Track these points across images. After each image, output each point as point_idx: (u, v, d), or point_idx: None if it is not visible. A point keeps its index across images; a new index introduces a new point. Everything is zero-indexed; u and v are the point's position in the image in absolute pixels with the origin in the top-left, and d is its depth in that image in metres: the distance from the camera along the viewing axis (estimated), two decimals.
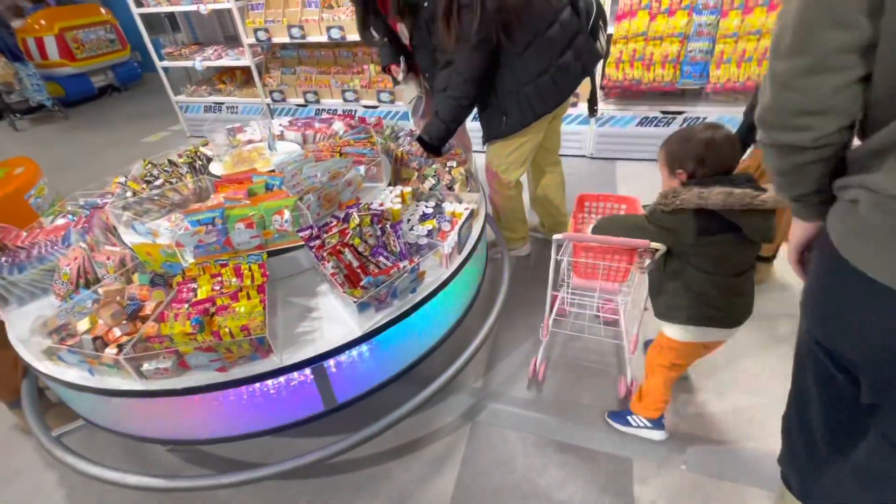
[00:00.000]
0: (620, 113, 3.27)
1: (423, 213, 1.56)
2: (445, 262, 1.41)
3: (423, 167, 1.78)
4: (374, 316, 1.27)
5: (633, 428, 1.56)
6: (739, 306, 1.26)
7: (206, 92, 4.47)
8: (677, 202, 1.13)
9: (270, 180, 1.43)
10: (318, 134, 1.96)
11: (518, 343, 1.99)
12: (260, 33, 3.82)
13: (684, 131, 1.21)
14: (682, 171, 1.18)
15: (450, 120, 1.80)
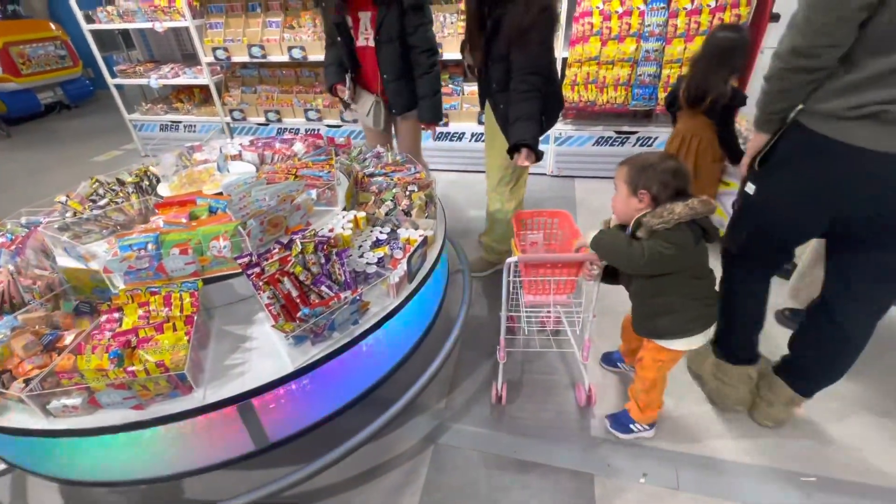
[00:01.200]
0: (577, 133, 3.39)
1: (376, 240, 1.52)
2: (393, 292, 1.36)
3: (383, 191, 1.76)
4: (310, 350, 1.20)
5: (634, 434, 1.62)
6: (715, 302, 1.41)
7: (162, 110, 4.34)
8: (675, 217, 1.21)
9: (215, 203, 1.38)
10: (276, 155, 1.92)
11: (481, 360, 1.98)
12: (219, 52, 3.77)
13: (644, 158, 1.30)
14: (645, 193, 1.27)
15: (538, 116, 1.81)
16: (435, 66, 2.16)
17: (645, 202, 1.28)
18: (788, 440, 1.61)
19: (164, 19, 3.76)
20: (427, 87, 2.17)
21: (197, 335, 1.18)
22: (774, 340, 1.98)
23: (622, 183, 1.33)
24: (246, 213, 1.28)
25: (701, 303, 1.36)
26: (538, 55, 1.77)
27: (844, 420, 1.66)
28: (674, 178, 1.25)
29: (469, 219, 3.10)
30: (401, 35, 2.06)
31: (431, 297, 1.70)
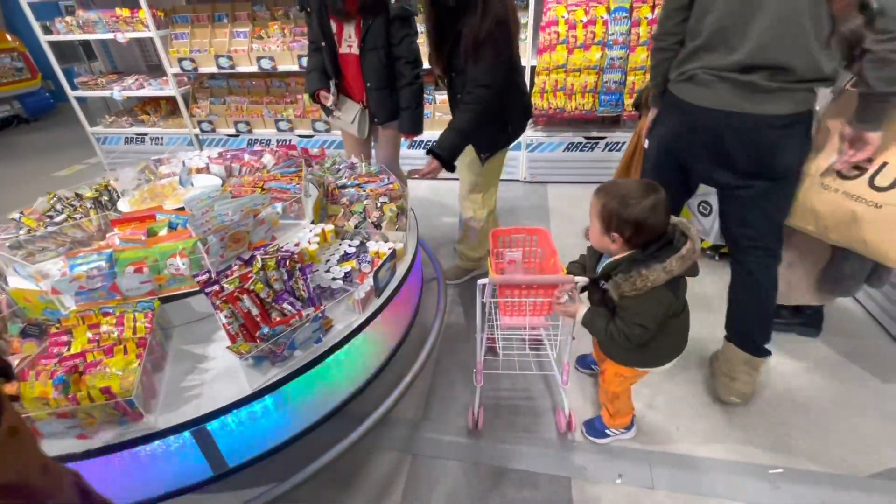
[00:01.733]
0: (548, 139, 3.45)
1: (344, 253, 1.48)
2: (359, 308, 1.33)
3: (353, 203, 1.74)
4: (270, 371, 1.16)
5: (612, 437, 1.64)
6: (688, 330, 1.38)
7: (127, 123, 4.22)
8: (649, 284, 1.14)
9: (175, 219, 1.35)
10: (243, 167, 1.89)
11: (458, 369, 1.97)
12: (185, 63, 3.70)
13: (623, 189, 1.19)
14: (617, 235, 1.19)
15: (470, 131, 1.86)
16: (419, 77, 2.17)
17: (618, 244, 1.21)
18: (755, 434, 1.65)
19: (126, 30, 3.67)
20: (410, 99, 2.17)
21: (151, 357, 1.13)
22: None
23: (596, 217, 1.23)
24: (207, 229, 1.24)
25: (673, 339, 1.34)
26: (491, 68, 1.75)
27: (807, 412, 1.72)
28: (652, 216, 1.14)
29: (444, 226, 3.10)
30: (386, 45, 2.06)
31: (405, 308, 1.69)
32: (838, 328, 2.07)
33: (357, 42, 2.06)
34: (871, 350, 1.96)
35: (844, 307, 2.19)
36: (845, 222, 1.41)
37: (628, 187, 1.18)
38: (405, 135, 2.30)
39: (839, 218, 1.42)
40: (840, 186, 1.40)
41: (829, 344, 2.01)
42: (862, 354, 1.94)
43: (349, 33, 2.09)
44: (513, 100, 1.96)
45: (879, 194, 1.34)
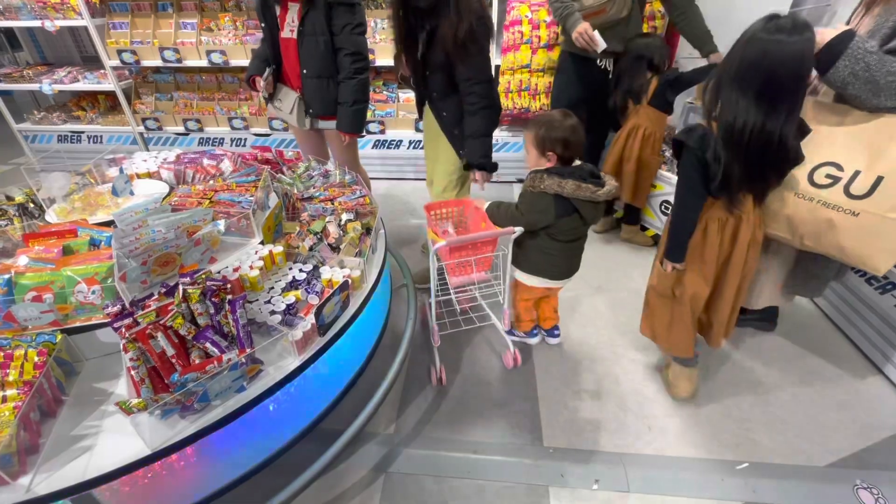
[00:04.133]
0: (514, 139, 3.44)
1: (292, 280, 1.32)
2: (296, 350, 1.16)
3: (315, 219, 1.59)
4: (178, 424, 0.98)
5: (517, 338, 2.05)
6: (573, 265, 1.75)
7: (60, 119, 3.86)
8: (542, 186, 1.50)
9: (98, 235, 1.19)
10: (197, 173, 1.74)
11: (429, 378, 1.92)
12: (125, 55, 3.41)
13: (547, 116, 1.53)
14: (552, 154, 1.52)
15: (487, 130, 1.92)
16: (361, 73, 2.06)
17: (553, 161, 1.53)
18: (721, 430, 1.70)
19: (56, 17, 3.34)
20: (347, 94, 2.06)
21: (42, 401, 0.98)
22: None
23: (530, 146, 1.57)
24: (134, 249, 1.08)
25: (544, 255, 1.67)
26: (481, 64, 1.80)
27: (767, 405, 1.79)
28: (573, 134, 1.49)
29: (409, 227, 3.03)
30: (326, 32, 1.97)
31: (375, 319, 1.62)
32: (792, 323, 2.17)
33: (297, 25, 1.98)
34: (822, 343, 2.07)
35: (796, 302, 2.31)
36: (821, 230, 1.44)
37: (550, 115, 1.54)
38: (343, 133, 2.18)
39: (815, 226, 1.44)
40: (815, 195, 1.42)
41: (786, 336, 2.11)
42: (814, 347, 2.04)
43: (292, 17, 1.99)
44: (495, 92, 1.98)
45: (856, 202, 1.36)
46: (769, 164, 1.35)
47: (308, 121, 2.18)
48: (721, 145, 1.31)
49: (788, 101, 1.25)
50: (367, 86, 2.11)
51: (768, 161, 1.33)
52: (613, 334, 2.13)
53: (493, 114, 1.91)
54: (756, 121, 1.25)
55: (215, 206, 1.39)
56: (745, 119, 1.25)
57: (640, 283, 2.39)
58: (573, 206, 1.51)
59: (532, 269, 1.73)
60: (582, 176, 1.49)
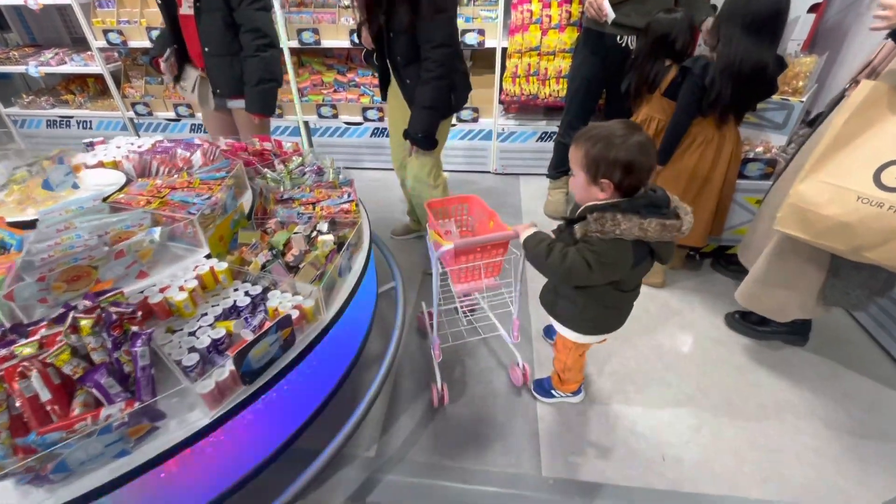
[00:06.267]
0: (521, 128, 3.21)
1: (232, 307, 1.08)
2: (209, 404, 0.92)
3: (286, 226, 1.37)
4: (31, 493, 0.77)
5: (557, 398, 1.68)
6: (628, 313, 1.38)
7: (49, 103, 3.71)
8: (617, 232, 1.07)
9: (10, 238, 1.01)
10: (162, 166, 1.55)
11: (418, 392, 1.74)
12: (112, 35, 3.24)
13: (603, 131, 1.09)
14: (607, 181, 1.09)
15: (440, 104, 1.77)
16: (263, 50, 1.94)
17: (608, 192, 1.11)
18: (744, 462, 1.50)
19: None
20: (252, 73, 1.96)
21: None
22: (725, 344, 1.89)
23: (579, 168, 1.13)
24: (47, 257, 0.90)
25: (607, 310, 1.31)
26: (444, 26, 1.65)
27: (798, 434, 1.58)
28: (641, 155, 1.06)
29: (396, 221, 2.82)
30: (224, 7, 1.86)
31: (355, 330, 1.44)
32: (825, 336, 1.95)
33: None
34: (860, 361, 1.85)
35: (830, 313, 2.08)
36: (891, 241, 1.21)
37: (610, 128, 1.09)
38: (253, 115, 2.08)
39: (883, 235, 1.21)
40: (886, 200, 1.19)
41: (818, 352, 1.89)
42: (851, 365, 1.82)
43: None
44: (456, 63, 1.80)
45: None
46: (751, 88, 1.76)
47: (214, 101, 2.10)
48: (717, 72, 1.71)
49: (770, 35, 1.66)
50: (272, 64, 2.00)
51: (751, 85, 1.74)
52: (624, 347, 1.93)
53: (445, 87, 1.75)
54: (746, 50, 1.66)
55: (163, 208, 1.21)
56: (737, 49, 1.67)
57: (652, 292, 2.19)
58: (650, 247, 1.13)
59: (589, 328, 1.36)
60: (659, 207, 1.09)
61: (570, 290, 1.28)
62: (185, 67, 2.12)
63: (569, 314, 1.35)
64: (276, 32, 2.04)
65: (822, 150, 1.35)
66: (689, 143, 1.97)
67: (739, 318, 2.01)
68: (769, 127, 2.26)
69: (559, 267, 1.13)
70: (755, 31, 1.65)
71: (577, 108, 2.62)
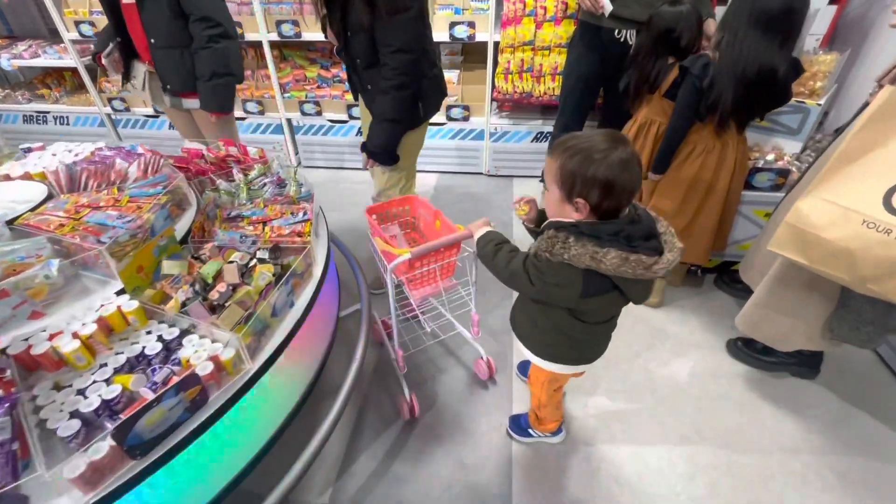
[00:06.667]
0: (514, 128, 3.01)
1: (140, 355, 0.93)
2: (83, 489, 0.76)
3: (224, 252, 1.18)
4: None
5: (535, 438, 1.53)
6: (601, 347, 1.23)
7: (25, 98, 3.58)
8: (566, 257, 0.93)
9: None
10: (91, 179, 1.38)
11: (383, 421, 1.58)
12: (84, 27, 3.08)
13: (583, 142, 0.93)
14: (583, 202, 0.93)
15: (399, 114, 1.57)
16: (215, 41, 1.77)
17: (584, 214, 0.95)
18: None
19: None
20: (203, 67, 1.79)
21: None
22: (725, 376, 1.71)
23: (552, 182, 0.98)
24: None
25: (567, 338, 1.15)
26: (405, 27, 1.42)
27: (805, 486, 1.40)
28: (623, 173, 0.90)
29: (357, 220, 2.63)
30: None
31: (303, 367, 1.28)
32: (838, 368, 1.75)
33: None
34: (879, 399, 1.65)
35: None
36: None
37: (591, 140, 0.93)
38: (210, 113, 1.91)
39: (890, 267, 1.05)
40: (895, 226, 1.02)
41: (831, 387, 1.70)
42: (869, 404, 1.63)
43: None
44: (422, 67, 1.59)
45: None
46: (757, 94, 1.55)
47: (168, 98, 1.93)
48: (718, 74, 1.53)
49: (781, 34, 1.45)
50: (225, 56, 1.82)
51: (757, 91, 1.53)
52: (612, 376, 1.75)
53: (407, 97, 1.54)
54: (751, 49, 1.47)
55: (73, 234, 1.04)
56: (742, 48, 1.48)
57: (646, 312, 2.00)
58: (613, 282, 0.97)
59: (550, 355, 1.21)
60: (630, 238, 0.92)
61: (531, 307, 1.16)
62: (132, 63, 1.95)
63: (528, 333, 1.23)
64: (231, 20, 1.86)
65: (829, 165, 1.17)
66: (688, 151, 1.77)
67: (742, 345, 1.82)
68: (782, 132, 2.05)
69: (503, 270, 1.06)
70: (763, 28, 1.45)
71: (573, 108, 2.42)
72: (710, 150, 1.73)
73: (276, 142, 3.34)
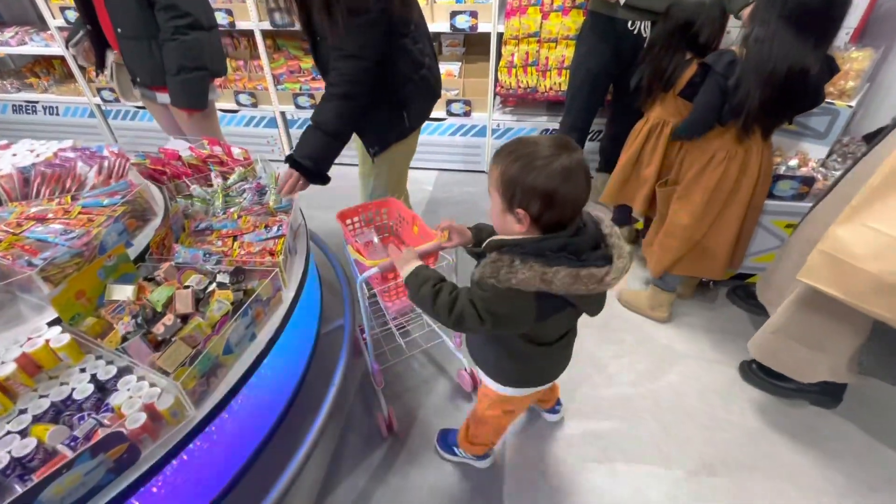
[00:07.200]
0: (518, 124, 2.86)
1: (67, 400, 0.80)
2: None
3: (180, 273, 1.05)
4: None
5: (458, 458, 1.44)
6: (562, 365, 1.14)
7: (14, 87, 3.47)
8: (514, 282, 0.82)
9: None
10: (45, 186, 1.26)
11: (368, 442, 1.47)
12: (70, 13, 2.94)
13: (526, 147, 0.83)
14: (523, 212, 0.84)
15: (338, 126, 1.33)
16: (182, 33, 1.64)
17: (525, 225, 0.85)
18: None
19: None
20: (171, 60, 1.67)
21: None
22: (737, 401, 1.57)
23: (494, 190, 0.89)
24: None
25: (517, 362, 1.05)
26: (355, 30, 1.22)
27: None
28: (565, 183, 0.80)
29: None
30: None
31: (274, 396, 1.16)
32: (862, 398, 1.61)
33: None
34: None
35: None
36: None
37: (535, 146, 0.83)
38: (179, 108, 1.80)
39: None
40: None
41: (853, 419, 1.56)
42: (895, 437, 1.49)
43: None
44: (403, 71, 1.40)
45: None
46: (787, 97, 1.39)
47: (138, 91, 1.85)
48: (745, 71, 1.38)
49: (818, 31, 1.30)
50: (196, 49, 1.69)
51: (787, 93, 1.37)
52: (614, 397, 1.62)
53: (354, 110, 1.33)
54: (783, 47, 1.31)
55: (7, 252, 0.93)
56: (772, 45, 1.32)
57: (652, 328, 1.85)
58: (566, 299, 0.88)
59: (506, 380, 1.11)
60: (578, 251, 0.83)
61: (487, 345, 1.09)
62: (106, 52, 1.85)
63: (483, 358, 1.13)
64: (205, 9, 1.73)
65: (874, 185, 1.03)
66: (707, 158, 1.62)
67: (757, 368, 1.68)
68: (808, 135, 1.89)
69: (448, 316, 0.91)
70: (798, 23, 1.29)
71: (581, 105, 2.26)
72: (733, 156, 1.58)
73: (269, 136, 3.22)
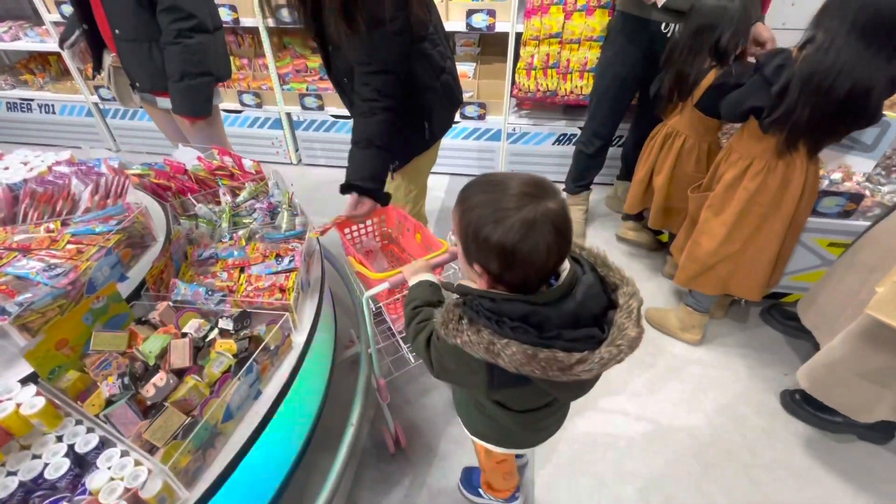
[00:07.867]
0: (535, 129, 2.73)
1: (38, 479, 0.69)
2: None
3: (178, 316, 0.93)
4: None
5: (485, 500, 1.35)
6: (541, 435, 1.01)
7: (8, 84, 3.34)
8: (458, 342, 0.70)
9: None
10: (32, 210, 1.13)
11: (387, 480, 1.37)
12: (65, 7, 2.81)
13: (489, 192, 0.69)
14: (480, 268, 0.72)
15: (389, 140, 1.23)
16: (186, 36, 1.53)
17: (484, 282, 0.74)
18: None
19: None
20: (173, 65, 1.56)
21: None
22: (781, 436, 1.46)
23: (457, 236, 0.77)
24: None
25: (489, 420, 0.96)
26: (379, 41, 1.12)
27: None
28: (525, 239, 0.65)
29: None
30: None
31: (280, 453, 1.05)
32: None
33: None
34: None
35: None
36: None
37: (502, 190, 0.68)
38: (181, 116, 1.70)
39: None
40: None
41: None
42: None
43: None
44: (423, 78, 1.29)
45: None
46: (842, 114, 1.25)
47: (137, 97, 1.75)
48: (796, 81, 1.24)
49: (889, 48, 1.16)
50: (200, 53, 1.58)
51: (844, 111, 1.24)
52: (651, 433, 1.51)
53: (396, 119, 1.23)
54: (847, 61, 1.18)
55: None
56: (837, 57, 1.18)
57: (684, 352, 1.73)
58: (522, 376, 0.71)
59: (480, 435, 1.01)
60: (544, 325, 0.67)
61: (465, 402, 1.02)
62: (103, 54, 1.74)
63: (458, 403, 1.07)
64: (210, 11, 1.61)
65: None
66: (744, 165, 1.49)
67: (801, 399, 1.58)
68: (854, 148, 1.76)
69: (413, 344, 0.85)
70: (870, 35, 1.16)
71: (607, 112, 2.13)
72: (773, 168, 1.45)
73: (274, 137, 3.09)
